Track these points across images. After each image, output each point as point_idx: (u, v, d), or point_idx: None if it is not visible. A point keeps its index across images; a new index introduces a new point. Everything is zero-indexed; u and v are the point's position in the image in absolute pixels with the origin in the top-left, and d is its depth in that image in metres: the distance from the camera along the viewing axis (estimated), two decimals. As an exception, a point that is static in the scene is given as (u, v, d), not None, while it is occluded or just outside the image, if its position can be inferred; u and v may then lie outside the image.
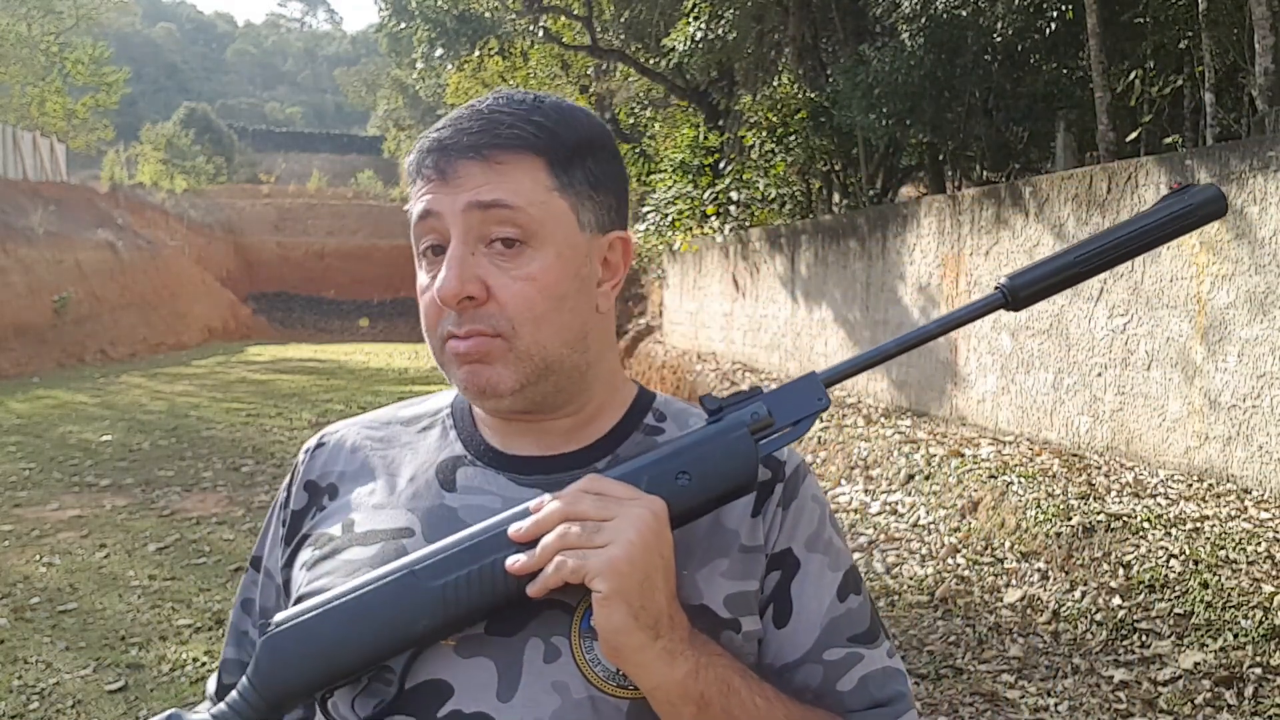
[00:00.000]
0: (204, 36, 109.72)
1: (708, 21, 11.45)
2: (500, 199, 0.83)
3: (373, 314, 34.63)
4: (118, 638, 4.43)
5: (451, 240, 0.84)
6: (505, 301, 0.84)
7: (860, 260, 8.79)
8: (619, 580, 0.73)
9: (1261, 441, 4.64)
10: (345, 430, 1.01)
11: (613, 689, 0.80)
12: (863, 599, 0.91)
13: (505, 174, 0.84)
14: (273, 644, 0.80)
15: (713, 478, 0.80)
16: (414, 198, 0.88)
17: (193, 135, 43.13)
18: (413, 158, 0.89)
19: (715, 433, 0.82)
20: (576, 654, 0.81)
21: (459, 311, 0.84)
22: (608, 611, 0.74)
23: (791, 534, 0.89)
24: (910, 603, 4.46)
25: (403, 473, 0.93)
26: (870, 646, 0.89)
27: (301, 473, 0.98)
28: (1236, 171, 4.81)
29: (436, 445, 0.95)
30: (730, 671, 0.79)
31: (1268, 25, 5.42)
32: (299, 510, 0.96)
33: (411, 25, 18.40)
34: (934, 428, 7.07)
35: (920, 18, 7.88)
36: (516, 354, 0.85)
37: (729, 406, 0.83)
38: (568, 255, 0.86)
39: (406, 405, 1.03)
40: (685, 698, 0.76)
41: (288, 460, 8.72)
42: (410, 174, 0.89)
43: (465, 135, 0.85)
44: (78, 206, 23.92)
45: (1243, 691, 3.30)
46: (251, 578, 1.00)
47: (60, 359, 18.17)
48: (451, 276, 0.83)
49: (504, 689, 0.81)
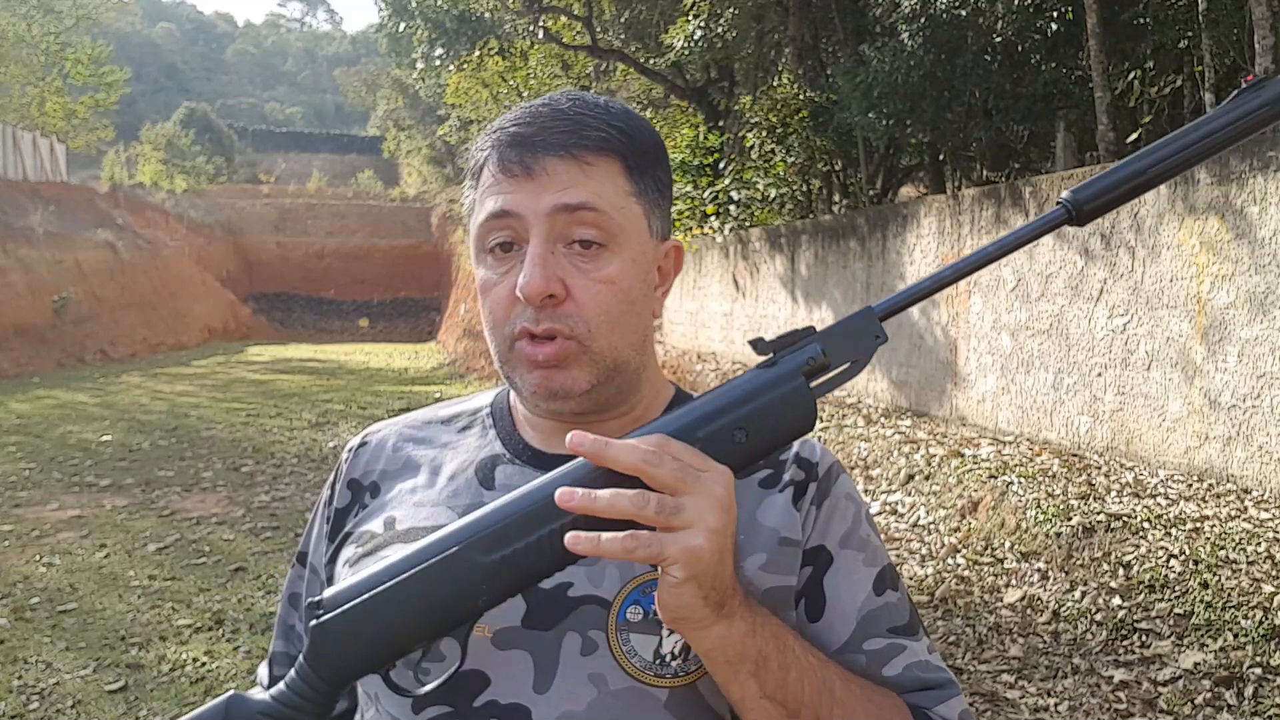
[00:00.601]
0: (204, 36, 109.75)
1: (707, 20, 11.45)
2: (587, 201, 0.84)
3: (373, 314, 34.64)
4: (118, 638, 4.43)
5: (532, 238, 0.84)
6: (584, 303, 0.84)
7: (860, 260, 8.79)
8: (697, 567, 0.69)
9: (1261, 441, 4.64)
10: (386, 430, 1.02)
11: (651, 679, 0.81)
12: (900, 595, 0.90)
13: (591, 176, 0.84)
14: (326, 629, 0.78)
15: (769, 432, 0.75)
16: (486, 191, 0.87)
17: (193, 135, 43.14)
18: (486, 150, 0.88)
19: (771, 381, 0.76)
20: (614, 646, 0.81)
21: (538, 309, 0.84)
22: (679, 594, 0.71)
23: (825, 531, 0.89)
24: (910, 603, 4.46)
25: (443, 471, 0.95)
26: (912, 639, 0.88)
27: (345, 471, 1.00)
28: (1236, 171, 4.81)
29: (476, 444, 0.96)
30: (784, 630, 0.78)
31: (1268, 25, 5.42)
32: (342, 508, 0.98)
33: (411, 25, 18.40)
34: (934, 428, 7.07)
35: (920, 18, 7.88)
36: (590, 356, 0.85)
37: (782, 350, 0.77)
38: (640, 260, 0.87)
39: (445, 405, 1.04)
40: (743, 656, 0.75)
41: (288, 460, 8.72)
42: (479, 166, 0.89)
43: (552, 134, 0.85)
44: (78, 206, 23.93)
45: (1243, 691, 3.30)
46: (298, 573, 1.02)
47: (60, 359, 18.17)
48: (537, 274, 0.82)
49: (540, 681, 0.82)
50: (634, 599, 0.83)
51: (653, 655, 0.81)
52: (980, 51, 7.84)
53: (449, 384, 15.10)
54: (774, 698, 0.76)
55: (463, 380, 15.38)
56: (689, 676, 0.82)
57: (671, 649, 0.82)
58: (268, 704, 0.78)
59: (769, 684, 0.75)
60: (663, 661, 0.81)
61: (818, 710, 0.77)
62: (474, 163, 0.91)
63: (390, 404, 12.41)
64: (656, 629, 0.82)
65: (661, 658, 0.81)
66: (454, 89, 21.37)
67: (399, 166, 45.37)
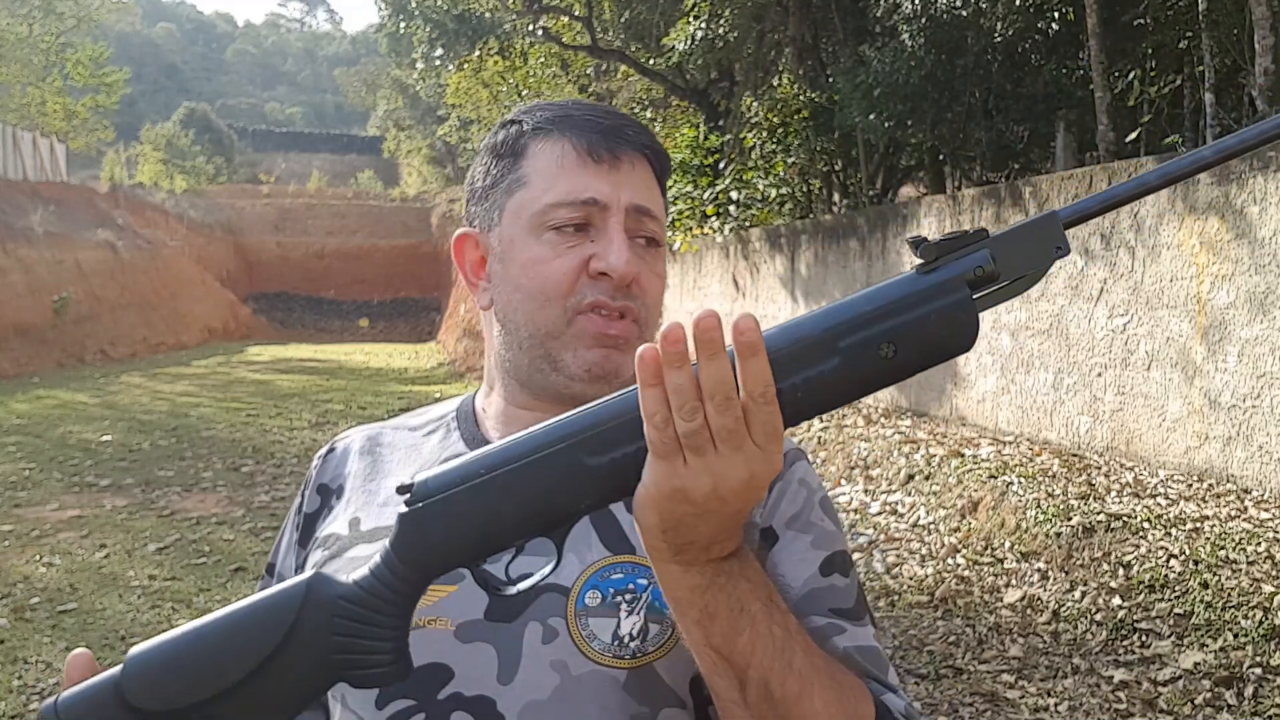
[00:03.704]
0: (204, 36, 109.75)
1: (708, 21, 11.45)
2: (652, 209, 0.92)
3: (373, 314, 34.63)
4: (118, 638, 4.43)
5: (614, 222, 0.89)
6: (648, 291, 0.91)
7: (860, 260, 8.79)
8: (663, 503, 0.67)
9: (1261, 441, 4.64)
10: (355, 435, 1.05)
11: (610, 660, 0.82)
12: (850, 582, 0.89)
13: (653, 183, 0.94)
14: (417, 518, 0.72)
15: (921, 350, 0.67)
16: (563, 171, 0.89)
17: (192, 135, 43.10)
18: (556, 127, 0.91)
19: (930, 290, 0.67)
20: (574, 632, 0.83)
21: (619, 289, 0.88)
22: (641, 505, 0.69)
23: (773, 513, 0.90)
24: (910, 603, 4.46)
25: (405, 474, 0.94)
26: (854, 623, 0.86)
27: (315, 477, 1.02)
28: (1236, 171, 4.81)
29: (439, 445, 0.98)
30: (752, 597, 0.75)
31: (1268, 25, 5.42)
32: (311, 513, 1.00)
33: (411, 25, 18.41)
34: (934, 428, 7.07)
35: (920, 18, 7.89)
36: (641, 340, 0.90)
37: (946, 254, 0.68)
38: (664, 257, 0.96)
39: (416, 414, 1.06)
40: (689, 603, 0.73)
41: (288, 460, 8.72)
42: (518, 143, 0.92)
43: (630, 129, 0.92)
44: (78, 206, 23.92)
45: (1243, 691, 3.30)
46: (266, 584, 1.03)
47: (60, 359, 18.16)
48: (633, 258, 0.89)
49: (504, 672, 0.83)
50: (592, 584, 0.84)
51: (611, 637, 0.82)
52: (981, 52, 7.84)
53: (449, 384, 15.10)
54: (719, 651, 0.74)
55: (462, 380, 15.38)
56: (646, 657, 0.82)
57: (630, 630, 0.82)
58: (352, 590, 0.72)
59: (714, 637, 0.74)
60: (621, 643, 0.82)
61: (767, 675, 0.75)
62: (506, 140, 0.93)
63: (390, 404, 12.41)
64: (615, 612, 0.83)
65: (620, 639, 0.82)
66: (454, 89, 21.37)
67: (399, 166, 45.34)
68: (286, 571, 1.00)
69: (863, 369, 0.66)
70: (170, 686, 0.70)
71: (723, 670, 0.75)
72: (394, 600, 0.72)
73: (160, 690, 0.70)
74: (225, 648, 0.71)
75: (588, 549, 0.85)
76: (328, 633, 0.71)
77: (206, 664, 0.71)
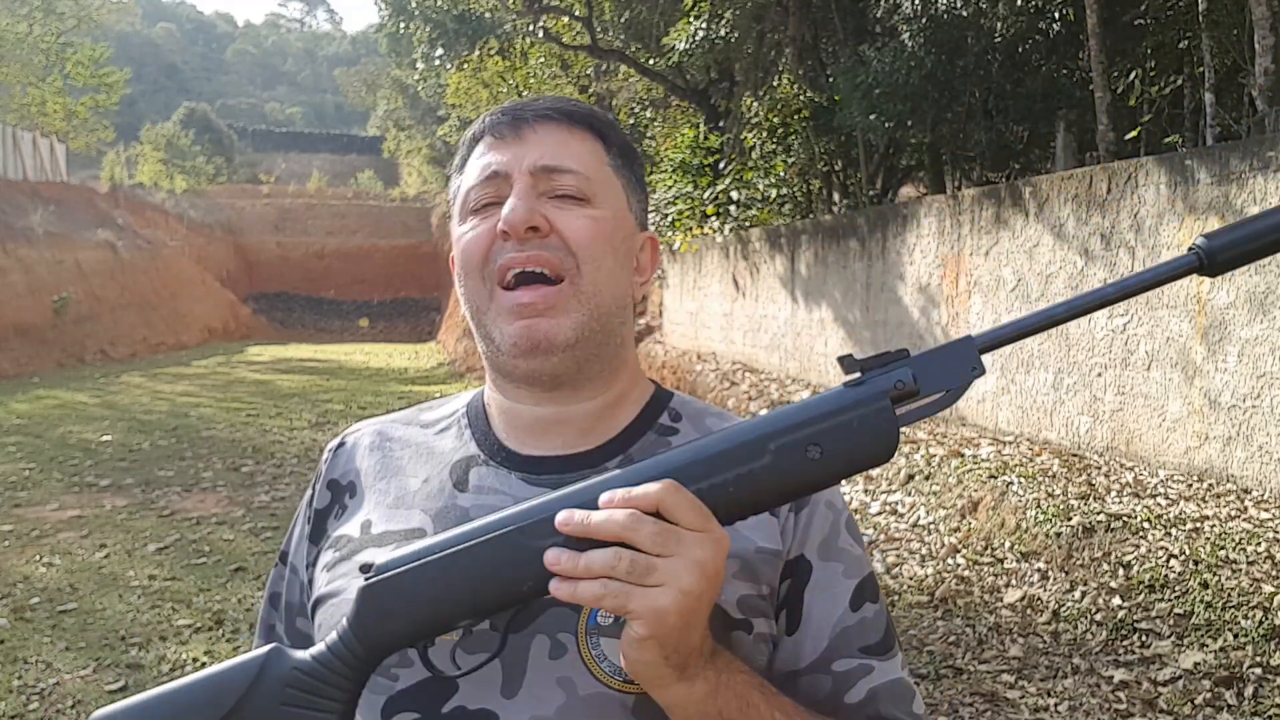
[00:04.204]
0: (204, 36, 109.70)
1: (708, 21, 11.45)
2: (565, 164, 0.88)
3: (373, 314, 34.65)
4: (118, 638, 4.43)
5: (515, 189, 0.87)
6: (568, 234, 0.86)
7: (860, 260, 8.79)
8: (660, 628, 0.69)
9: (1261, 441, 4.64)
10: (366, 429, 1.02)
11: (619, 684, 0.80)
12: (878, 608, 0.90)
13: (572, 144, 0.90)
14: (373, 594, 0.76)
15: (846, 454, 0.73)
16: (473, 160, 0.92)
17: (192, 135, 43.08)
18: (476, 127, 0.94)
19: (854, 401, 0.73)
20: (583, 650, 0.81)
21: (521, 240, 0.85)
22: (639, 649, 0.71)
23: (804, 540, 0.89)
24: (910, 603, 4.46)
25: (419, 473, 0.94)
26: (882, 659, 0.88)
27: (325, 472, 1.00)
28: (1236, 171, 4.81)
29: (452, 446, 0.96)
30: (749, 688, 0.77)
31: (1268, 25, 5.42)
32: (322, 509, 0.98)
33: (411, 25, 18.41)
34: (934, 428, 7.07)
35: (921, 18, 7.89)
36: (578, 295, 0.86)
37: (871, 370, 0.75)
38: (620, 219, 0.91)
39: (427, 408, 1.04)
40: (702, 715, 0.75)
41: (288, 460, 8.72)
42: (470, 142, 0.94)
43: (541, 105, 0.92)
44: (78, 206, 23.93)
45: (1243, 691, 3.30)
46: (279, 572, 1.02)
47: (60, 359, 18.17)
48: (520, 205, 0.85)
49: (508, 686, 0.81)
50: None
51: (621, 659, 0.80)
52: (981, 52, 7.84)
53: (449, 384, 15.10)
54: None
55: (462, 380, 15.38)
56: None
57: None
58: (305, 662, 0.77)
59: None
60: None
61: None
62: (459, 155, 0.95)
63: (390, 404, 12.40)
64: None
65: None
66: (454, 89, 21.37)
67: (399, 166, 45.33)
68: (300, 561, 0.99)
69: (790, 467, 0.73)
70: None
71: None
72: (345, 674, 0.77)
73: None
74: (181, 710, 0.76)
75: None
76: (277, 703, 0.76)
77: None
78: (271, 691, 0.76)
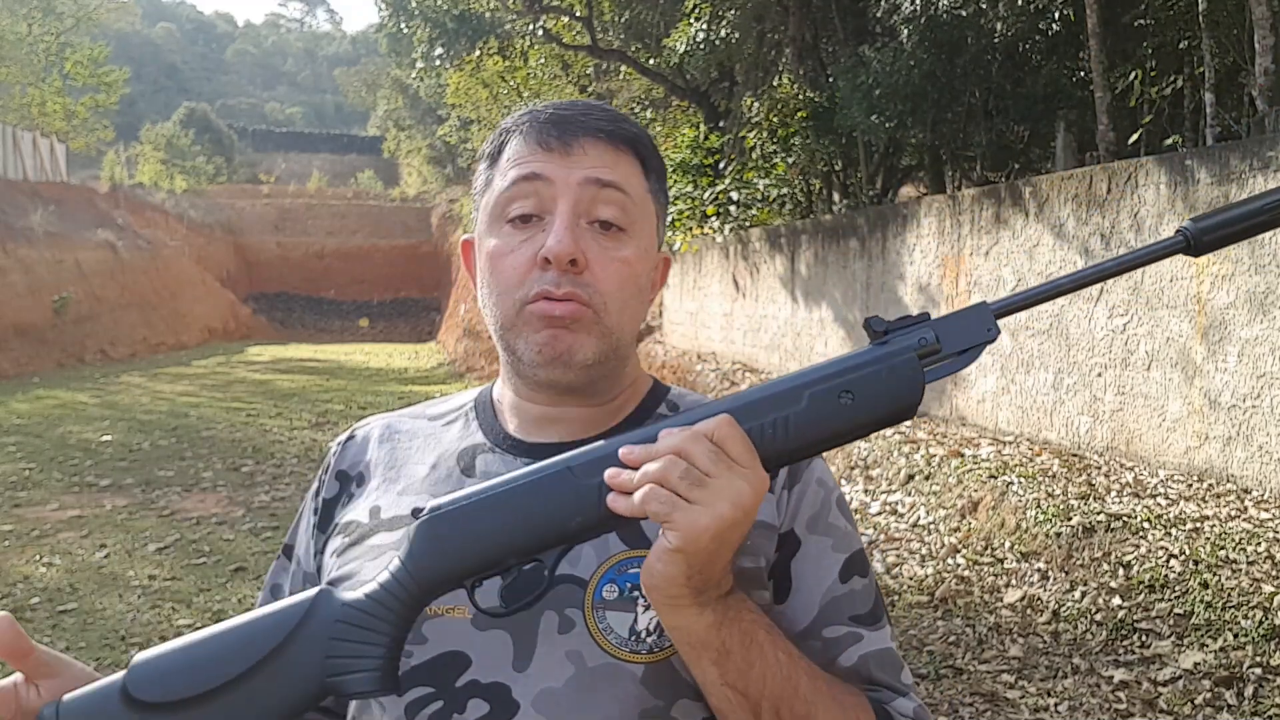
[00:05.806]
0: (204, 36, 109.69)
1: (709, 23, 11.45)
2: (618, 182, 0.89)
3: (373, 314, 34.64)
4: (118, 638, 4.43)
5: (560, 205, 0.88)
6: (601, 277, 0.88)
7: (860, 260, 8.79)
8: (693, 543, 0.72)
9: (1261, 441, 4.64)
10: (375, 423, 1.05)
11: (627, 654, 0.83)
12: (868, 582, 0.92)
13: (621, 163, 0.91)
14: (431, 528, 0.78)
15: (876, 401, 0.78)
16: (512, 163, 0.91)
17: (192, 135, 43.07)
18: (523, 124, 0.92)
19: (883, 354, 0.79)
20: (590, 624, 0.84)
21: (562, 272, 0.87)
22: (666, 562, 0.73)
23: (795, 515, 0.91)
24: (910, 603, 4.46)
25: (426, 460, 0.97)
26: (871, 628, 0.90)
27: (333, 464, 1.03)
28: (1236, 171, 4.81)
29: (459, 435, 0.99)
30: (756, 626, 0.80)
31: (1268, 25, 5.42)
32: (330, 499, 1.00)
33: (411, 25, 18.41)
34: (934, 428, 7.07)
35: (921, 18, 7.88)
36: (602, 329, 0.89)
37: (895, 330, 0.80)
38: (648, 253, 0.93)
39: (434, 404, 1.07)
40: (706, 644, 0.77)
41: (288, 460, 8.72)
42: (499, 145, 0.93)
43: (591, 118, 0.91)
44: (78, 206, 23.92)
45: (1243, 691, 3.30)
46: (282, 564, 1.04)
47: (60, 359, 18.17)
48: (567, 237, 0.86)
49: (519, 659, 0.84)
50: (609, 577, 0.85)
51: (628, 632, 0.83)
52: (981, 52, 7.83)
53: (449, 384, 15.11)
54: (734, 686, 0.78)
55: (462, 380, 15.38)
56: (664, 652, 0.83)
57: (647, 625, 0.84)
58: (359, 599, 0.78)
59: (729, 674, 0.78)
60: (638, 638, 0.83)
61: (778, 704, 0.79)
62: (492, 144, 0.94)
63: (390, 404, 12.40)
64: (632, 606, 0.84)
65: (637, 634, 0.83)
66: (454, 89, 21.37)
67: (399, 166, 45.32)
68: (304, 552, 1.01)
69: (824, 412, 0.78)
70: (171, 679, 0.75)
71: (737, 704, 0.79)
72: (398, 611, 0.78)
73: (161, 682, 0.75)
74: (227, 647, 0.77)
75: (605, 543, 0.86)
76: (325, 638, 0.77)
77: (207, 661, 0.76)
78: (319, 630, 0.77)
